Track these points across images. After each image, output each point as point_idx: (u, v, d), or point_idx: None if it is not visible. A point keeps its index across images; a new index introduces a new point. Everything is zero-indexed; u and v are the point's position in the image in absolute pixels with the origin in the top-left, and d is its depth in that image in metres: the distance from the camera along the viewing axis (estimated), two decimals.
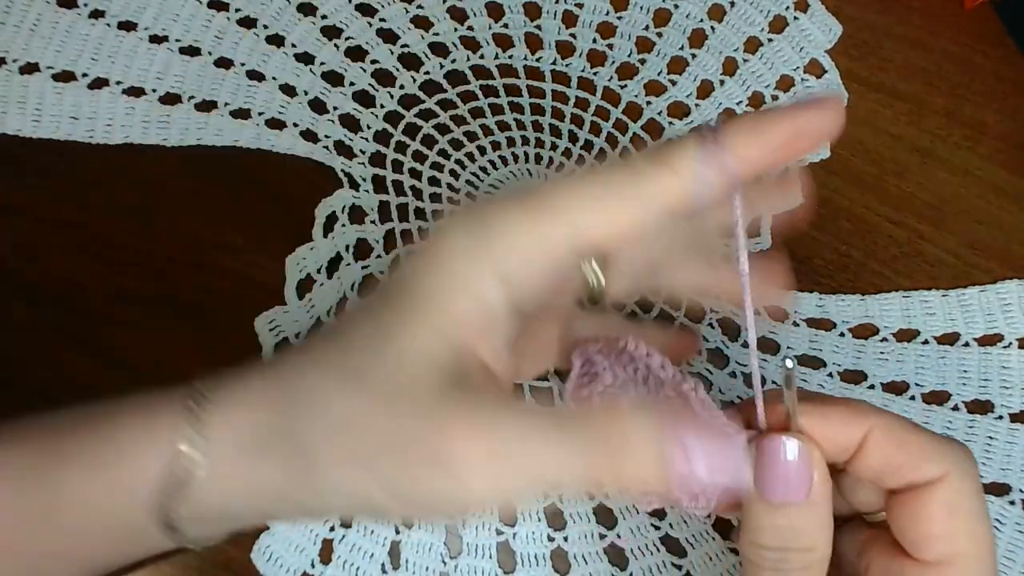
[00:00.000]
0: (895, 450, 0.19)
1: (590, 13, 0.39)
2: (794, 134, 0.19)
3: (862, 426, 0.19)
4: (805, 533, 0.19)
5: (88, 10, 0.36)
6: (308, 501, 0.19)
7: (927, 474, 0.19)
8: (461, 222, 0.19)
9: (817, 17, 0.40)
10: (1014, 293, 0.34)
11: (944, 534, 0.19)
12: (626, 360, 0.22)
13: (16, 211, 0.32)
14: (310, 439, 0.19)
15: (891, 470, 0.19)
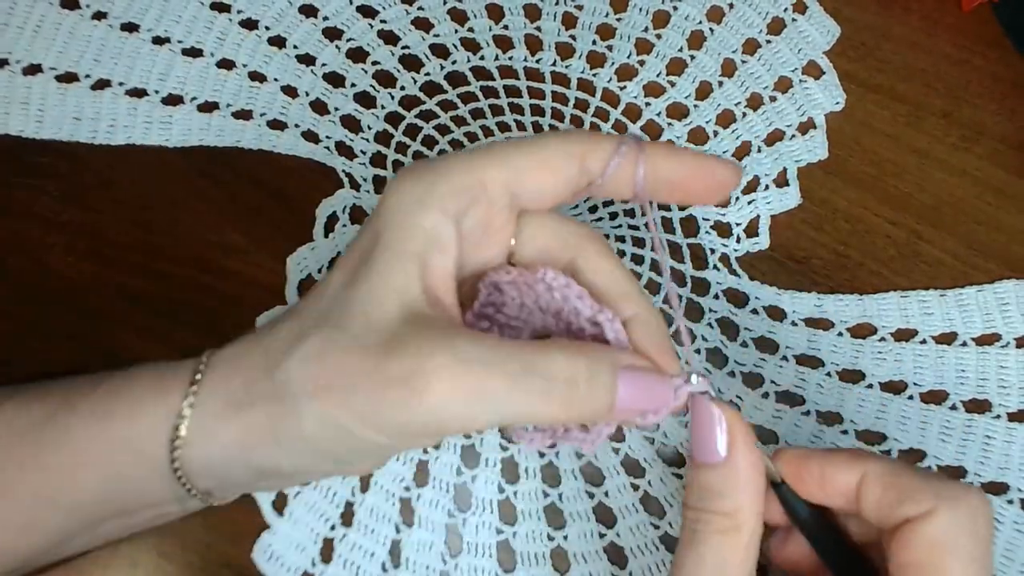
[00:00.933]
0: (885, 490, 0.20)
1: (590, 15, 0.39)
2: (698, 171, 0.23)
3: (857, 470, 0.21)
4: (724, 496, 0.21)
5: (91, 12, 0.36)
6: (287, 440, 0.21)
7: (912, 510, 0.19)
8: (411, 172, 0.22)
9: (815, 19, 0.40)
10: (1012, 293, 0.34)
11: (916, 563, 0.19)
12: (541, 289, 0.23)
13: (17, 211, 0.32)
14: (286, 376, 0.20)
15: (884, 510, 0.20)
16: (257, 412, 0.21)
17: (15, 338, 0.30)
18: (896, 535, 0.20)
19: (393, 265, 0.21)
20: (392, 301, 0.21)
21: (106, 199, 0.33)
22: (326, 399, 0.20)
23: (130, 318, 0.31)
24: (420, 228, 0.21)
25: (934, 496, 0.19)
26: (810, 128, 0.37)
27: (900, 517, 0.20)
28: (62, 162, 0.33)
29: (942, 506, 0.19)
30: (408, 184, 0.22)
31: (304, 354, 0.20)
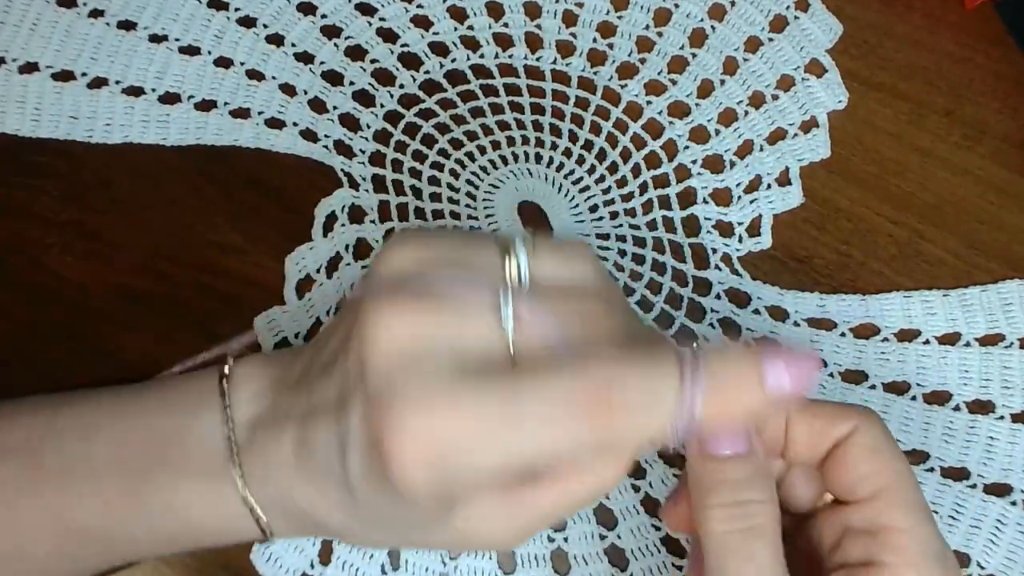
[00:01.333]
0: (811, 423, 0.21)
1: (590, 12, 0.39)
2: (758, 393, 0.18)
3: (781, 415, 0.22)
4: (757, 483, 0.20)
5: (87, 9, 0.35)
6: None
7: (841, 430, 0.21)
8: (426, 439, 0.18)
9: (818, 16, 0.39)
10: (1015, 293, 0.34)
11: (869, 471, 0.21)
12: None
13: (16, 211, 0.32)
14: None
15: (814, 441, 0.21)
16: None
17: (15, 338, 0.30)
18: (832, 457, 0.21)
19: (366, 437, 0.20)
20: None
21: (104, 198, 0.32)
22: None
23: (129, 318, 0.30)
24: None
25: (852, 415, 0.21)
26: (812, 127, 0.37)
27: (829, 442, 0.21)
28: (60, 161, 0.33)
29: (862, 421, 0.21)
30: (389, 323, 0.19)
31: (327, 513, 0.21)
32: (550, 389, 0.18)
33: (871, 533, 0.20)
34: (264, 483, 0.22)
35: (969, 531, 0.30)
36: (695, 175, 0.36)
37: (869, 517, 0.21)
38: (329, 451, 0.20)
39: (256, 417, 0.22)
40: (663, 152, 0.36)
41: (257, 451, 0.22)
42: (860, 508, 0.21)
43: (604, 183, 0.35)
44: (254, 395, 0.23)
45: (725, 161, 0.36)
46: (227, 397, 0.22)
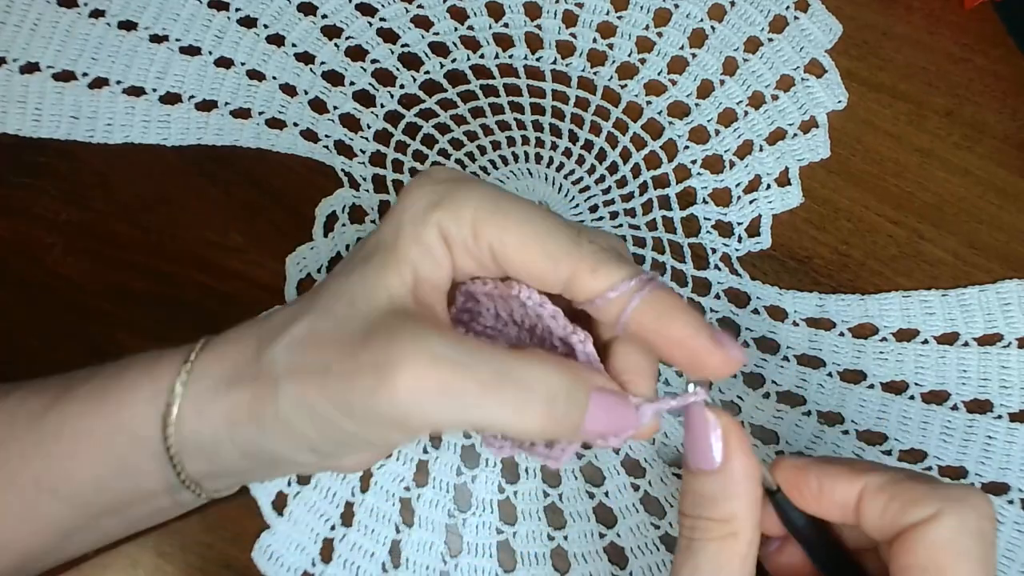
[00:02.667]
0: (889, 501, 0.20)
1: (590, 13, 0.39)
2: (687, 343, 0.20)
3: (857, 483, 0.20)
4: (720, 503, 0.20)
5: (88, 10, 0.36)
6: (266, 420, 0.21)
7: (916, 516, 0.19)
8: (430, 182, 0.22)
9: (817, 17, 0.40)
10: (1014, 293, 0.34)
11: (919, 566, 0.19)
12: (515, 304, 0.22)
13: (16, 211, 0.32)
14: (271, 358, 0.21)
15: (887, 520, 0.20)
16: (242, 390, 0.21)
17: (15, 338, 0.30)
18: (900, 540, 0.19)
19: (388, 263, 0.21)
20: (381, 295, 0.21)
21: (105, 199, 0.32)
22: (301, 381, 0.20)
23: (130, 318, 0.30)
24: (418, 238, 0.21)
25: (939, 500, 0.19)
26: (812, 127, 0.37)
27: (904, 524, 0.19)
28: (61, 161, 0.33)
29: (947, 509, 0.19)
30: (419, 192, 0.22)
31: (290, 338, 0.21)
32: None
33: None
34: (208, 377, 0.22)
35: None
36: (695, 175, 0.36)
37: None
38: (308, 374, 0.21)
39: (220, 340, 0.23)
40: (663, 152, 0.36)
41: (212, 353, 0.22)
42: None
43: (604, 183, 0.35)
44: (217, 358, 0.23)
45: (725, 161, 0.36)
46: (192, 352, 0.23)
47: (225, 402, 0.21)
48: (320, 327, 0.21)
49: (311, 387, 0.20)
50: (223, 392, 0.21)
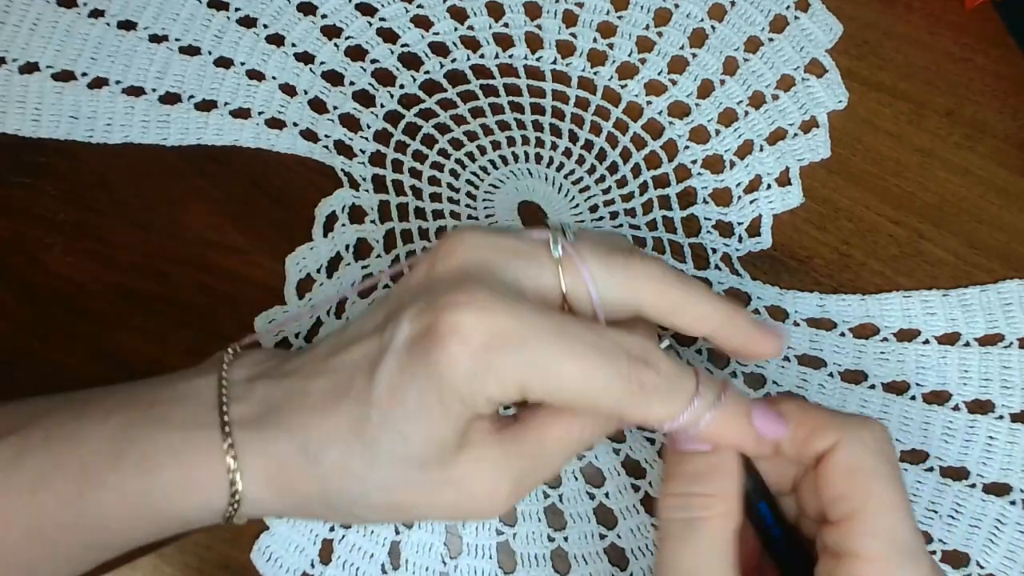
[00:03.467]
0: (797, 428, 0.21)
1: (590, 13, 0.39)
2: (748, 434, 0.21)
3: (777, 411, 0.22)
4: (715, 479, 0.21)
5: (88, 9, 0.35)
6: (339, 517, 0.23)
7: (820, 445, 0.21)
8: (468, 352, 0.20)
9: (818, 16, 0.39)
10: (1015, 293, 0.34)
11: (840, 494, 0.20)
12: None
13: (16, 211, 0.32)
14: (339, 500, 0.21)
15: (798, 446, 0.21)
16: (295, 497, 0.22)
17: (15, 338, 0.30)
18: (818, 474, 0.21)
19: (439, 421, 0.21)
20: (434, 445, 0.21)
21: (104, 198, 0.32)
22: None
23: (129, 318, 0.30)
24: (469, 404, 0.20)
25: (837, 428, 0.21)
26: (812, 127, 0.37)
27: (813, 452, 0.21)
28: (60, 161, 0.33)
29: (846, 436, 0.20)
30: (461, 363, 0.20)
31: (353, 494, 0.21)
32: (602, 337, 0.20)
33: (837, 556, 0.20)
34: (252, 426, 0.21)
35: (968, 530, 0.30)
36: (695, 175, 0.36)
37: (836, 539, 0.20)
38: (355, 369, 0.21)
39: (253, 375, 0.22)
40: (663, 152, 0.36)
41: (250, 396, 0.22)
42: (831, 530, 0.20)
43: (604, 183, 0.35)
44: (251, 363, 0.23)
45: (725, 161, 0.36)
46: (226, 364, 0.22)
47: (277, 505, 0.22)
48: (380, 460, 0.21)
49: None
50: (275, 498, 0.22)
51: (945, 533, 0.30)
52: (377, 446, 0.20)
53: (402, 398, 0.20)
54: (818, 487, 0.21)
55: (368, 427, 0.20)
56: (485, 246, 0.21)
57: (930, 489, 0.30)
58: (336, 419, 0.21)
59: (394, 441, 0.20)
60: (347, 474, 0.21)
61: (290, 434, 0.21)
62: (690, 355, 0.32)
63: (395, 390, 0.20)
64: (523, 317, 0.19)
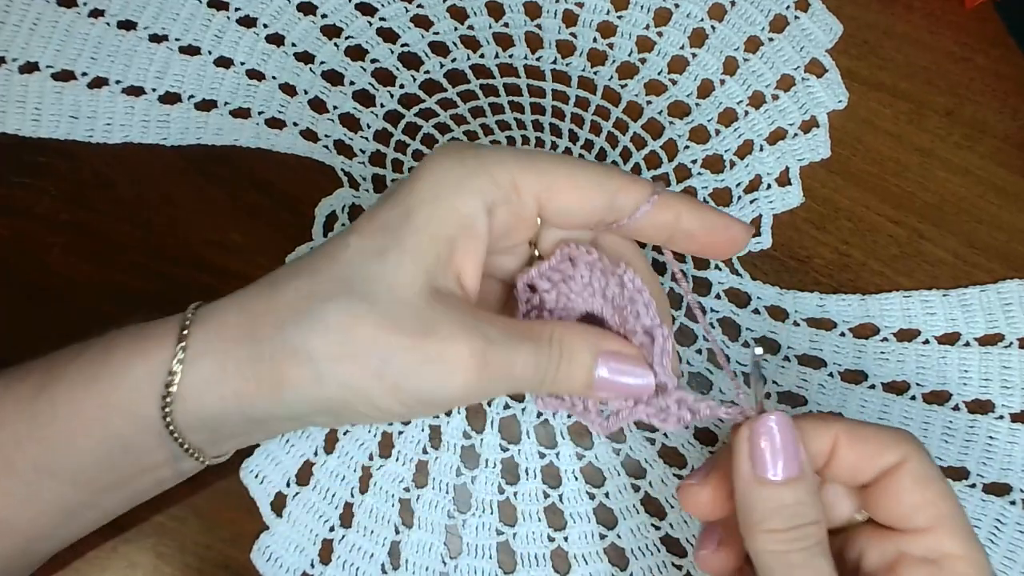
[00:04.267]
0: (862, 446, 0.21)
1: (590, 12, 0.39)
2: (715, 228, 0.24)
3: (831, 432, 0.22)
4: (810, 505, 0.21)
5: (88, 9, 0.35)
6: (298, 397, 0.21)
7: (892, 459, 0.21)
8: (451, 152, 0.23)
9: (818, 16, 0.39)
10: (1015, 293, 0.34)
11: (924, 501, 0.21)
12: (613, 282, 0.24)
13: (16, 211, 0.32)
14: (303, 341, 0.21)
15: (862, 464, 0.21)
16: (265, 367, 0.21)
17: (15, 338, 0.30)
18: (877, 488, 0.21)
19: (426, 245, 0.21)
20: (421, 281, 0.21)
21: (105, 198, 0.32)
22: (354, 369, 0.21)
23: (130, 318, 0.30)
24: (456, 211, 0.22)
25: (902, 443, 0.21)
26: (812, 126, 0.37)
27: (877, 469, 0.21)
28: (60, 161, 0.33)
29: (911, 451, 0.21)
30: (448, 164, 0.22)
31: (326, 322, 0.21)
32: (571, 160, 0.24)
33: (933, 562, 0.21)
34: (208, 324, 0.22)
35: None
36: (695, 175, 0.36)
37: (930, 546, 0.21)
38: (326, 246, 0.22)
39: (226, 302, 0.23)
40: (663, 152, 0.36)
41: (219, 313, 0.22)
42: (919, 537, 0.21)
43: None
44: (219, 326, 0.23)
45: (725, 161, 0.36)
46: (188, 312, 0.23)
47: (237, 380, 0.21)
48: (362, 313, 0.21)
49: (367, 377, 0.21)
50: (233, 370, 0.21)
51: None
52: (369, 300, 0.21)
53: (383, 234, 0.22)
54: (891, 498, 0.21)
55: (351, 282, 0.21)
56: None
57: None
58: (318, 283, 0.21)
59: (383, 289, 0.21)
60: (333, 343, 0.21)
61: (261, 321, 0.21)
62: (690, 355, 0.32)
63: (375, 225, 0.22)
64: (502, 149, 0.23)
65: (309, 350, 0.21)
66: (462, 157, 0.22)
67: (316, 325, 0.21)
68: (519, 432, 0.30)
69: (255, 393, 0.21)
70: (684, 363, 0.32)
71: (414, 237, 0.21)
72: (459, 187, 0.22)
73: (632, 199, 0.23)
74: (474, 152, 0.23)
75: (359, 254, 0.22)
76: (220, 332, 0.22)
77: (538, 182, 0.23)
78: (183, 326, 0.22)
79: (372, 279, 0.21)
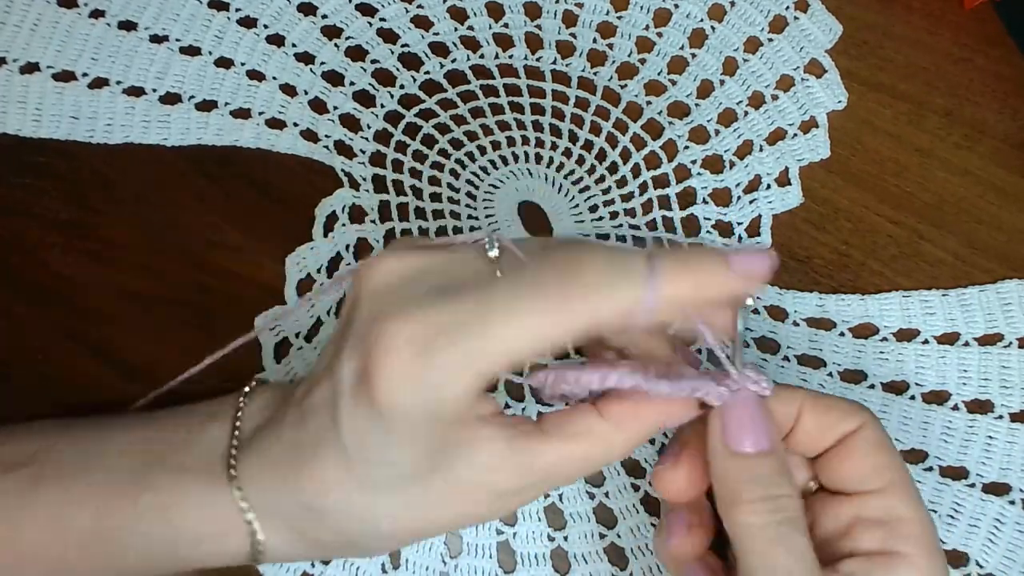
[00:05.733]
0: (824, 415, 0.22)
1: (590, 13, 0.39)
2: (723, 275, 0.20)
3: (795, 402, 0.22)
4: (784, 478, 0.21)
5: (88, 10, 0.36)
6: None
7: (850, 425, 0.22)
8: (405, 338, 0.19)
9: (817, 17, 0.40)
10: (1014, 293, 0.34)
11: (880, 464, 0.22)
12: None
13: (16, 211, 0.32)
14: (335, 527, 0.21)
15: (823, 432, 0.22)
16: (292, 528, 0.22)
17: (15, 338, 0.30)
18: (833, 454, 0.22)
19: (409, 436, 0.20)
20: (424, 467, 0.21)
21: (105, 198, 0.32)
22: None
23: (129, 318, 0.30)
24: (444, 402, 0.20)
25: (860, 410, 0.22)
26: (812, 127, 0.37)
27: (836, 435, 0.22)
28: (61, 161, 0.33)
29: (869, 418, 0.22)
30: (405, 356, 0.19)
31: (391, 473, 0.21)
32: (522, 278, 0.19)
33: (886, 523, 0.21)
34: (261, 485, 0.22)
35: (968, 530, 0.30)
36: (695, 175, 0.36)
37: (884, 507, 0.21)
38: (322, 414, 0.21)
39: (259, 424, 0.23)
40: (663, 152, 0.36)
41: (255, 451, 0.22)
42: (873, 499, 0.22)
43: (604, 183, 0.35)
44: (260, 408, 0.23)
45: (725, 161, 0.36)
46: (240, 410, 0.23)
47: (300, 551, 0.22)
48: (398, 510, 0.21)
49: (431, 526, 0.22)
50: (296, 546, 0.22)
51: (944, 533, 0.30)
52: (367, 479, 0.21)
53: (366, 437, 0.20)
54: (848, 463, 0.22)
55: (353, 464, 0.21)
56: (401, 261, 0.21)
57: (929, 489, 0.30)
58: (324, 466, 0.21)
59: (380, 468, 0.21)
60: (352, 514, 0.21)
61: (292, 493, 0.21)
62: None
63: (357, 432, 0.20)
64: (448, 305, 0.19)
65: (342, 529, 0.22)
66: (413, 345, 0.19)
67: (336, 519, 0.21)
68: None
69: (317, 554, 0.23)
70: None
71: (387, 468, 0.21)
72: (415, 384, 0.19)
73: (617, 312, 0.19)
74: (425, 337, 0.19)
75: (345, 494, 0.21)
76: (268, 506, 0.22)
77: (504, 358, 0.19)
78: (233, 488, 0.22)
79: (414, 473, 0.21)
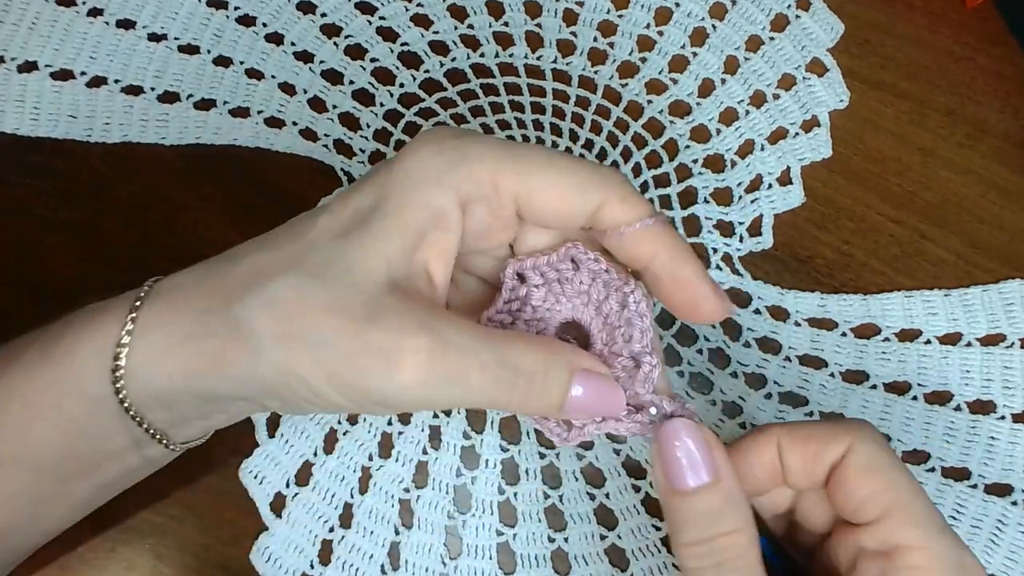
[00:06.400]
0: (803, 446, 0.21)
1: (591, 11, 0.39)
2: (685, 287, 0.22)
3: (771, 440, 0.21)
4: (726, 514, 0.20)
5: (86, 8, 0.35)
6: (237, 376, 0.20)
7: (834, 453, 0.21)
8: (432, 142, 0.21)
9: (819, 15, 0.39)
10: (1017, 293, 0.34)
11: (870, 492, 0.20)
12: (614, 295, 0.22)
13: (15, 211, 0.32)
14: (247, 314, 0.20)
15: (809, 465, 0.21)
16: (207, 344, 0.20)
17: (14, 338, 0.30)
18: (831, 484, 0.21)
19: (392, 233, 0.20)
20: (381, 269, 0.20)
21: (104, 198, 0.32)
22: (291, 350, 0.20)
23: None
24: (429, 203, 0.21)
25: (844, 433, 0.21)
26: (814, 126, 0.37)
27: (827, 464, 0.21)
28: (59, 160, 0.33)
29: (857, 438, 0.21)
30: (427, 154, 0.21)
31: (272, 297, 0.20)
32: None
33: (885, 554, 0.20)
34: (160, 300, 0.21)
35: (970, 531, 0.30)
36: (696, 174, 0.36)
37: (881, 538, 0.20)
38: (294, 224, 0.22)
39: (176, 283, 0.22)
40: (664, 151, 0.36)
41: (168, 294, 0.21)
42: (870, 529, 0.20)
43: None
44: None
45: (726, 160, 0.36)
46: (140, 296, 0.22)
47: (183, 354, 0.20)
48: (311, 293, 0.20)
49: (304, 360, 0.19)
50: (180, 344, 0.20)
51: None
52: (321, 279, 0.20)
53: (352, 216, 0.21)
54: (841, 493, 0.21)
55: (308, 260, 0.20)
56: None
57: (931, 490, 0.30)
58: (275, 258, 0.21)
59: (339, 271, 0.20)
60: (283, 327, 0.20)
61: (213, 294, 0.21)
62: (691, 355, 0.32)
63: (347, 206, 0.21)
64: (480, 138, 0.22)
65: (252, 326, 0.20)
66: (442, 148, 0.21)
67: (262, 300, 0.20)
68: (519, 432, 0.30)
69: (200, 369, 0.20)
70: (685, 363, 0.32)
71: (381, 223, 0.20)
72: (436, 179, 0.21)
73: (616, 217, 0.21)
74: (455, 143, 0.21)
75: (324, 234, 0.21)
76: (172, 305, 0.21)
77: (517, 181, 0.21)
78: (136, 299, 0.21)
79: (330, 259, 0.20)
